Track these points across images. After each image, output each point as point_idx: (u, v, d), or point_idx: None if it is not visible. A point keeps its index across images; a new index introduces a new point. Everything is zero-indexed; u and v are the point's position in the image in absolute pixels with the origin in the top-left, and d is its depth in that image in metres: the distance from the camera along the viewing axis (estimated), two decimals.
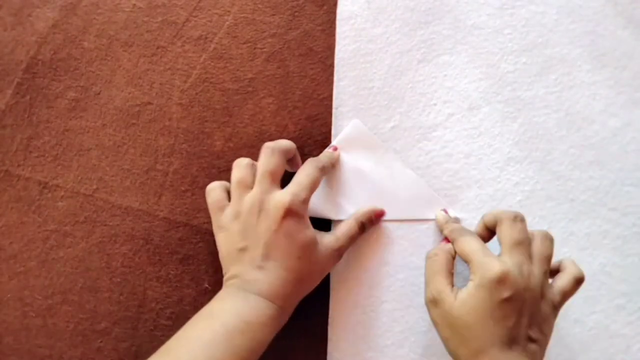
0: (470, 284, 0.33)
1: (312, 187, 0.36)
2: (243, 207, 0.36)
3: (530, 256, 0.34)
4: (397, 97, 0.43)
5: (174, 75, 0.44)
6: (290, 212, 0.34)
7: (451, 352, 0.34)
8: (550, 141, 0.43)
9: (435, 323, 0.35)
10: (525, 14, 0.44)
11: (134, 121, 0.43)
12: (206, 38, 0.44)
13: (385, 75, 0.43)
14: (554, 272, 0.36)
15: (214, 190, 0.38)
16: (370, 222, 0.40)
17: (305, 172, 0.37)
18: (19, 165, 0.43)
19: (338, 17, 0.44)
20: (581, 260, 0.41)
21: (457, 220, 0.41)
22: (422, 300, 0.40)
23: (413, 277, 0.41)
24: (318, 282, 0.37)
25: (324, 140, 0.43)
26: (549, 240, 0.35)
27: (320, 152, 0.42)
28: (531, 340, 0.32)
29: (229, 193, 0.38)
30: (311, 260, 0.36)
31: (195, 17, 0.44)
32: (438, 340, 0.35)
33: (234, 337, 0.32)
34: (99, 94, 0.44)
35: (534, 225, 0.41)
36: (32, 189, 0.43)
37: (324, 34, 0.44)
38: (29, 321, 0.41)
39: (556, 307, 0.34)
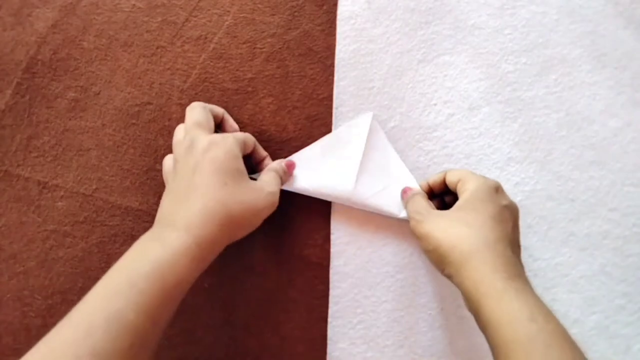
0: (462, 198, 0.35)
1: (244, 144, 0.36)
2: (176, 156, 0.35)
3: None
4: (398, 97, 0.43)
5: (173, 75, 0.44)
6: (217, 144, 0.33)
7: (439, 260, 0.34)
8: (550, 141, 0.43)
9: (424, 238, 0.35)
10: (525, 14, 0.44)
11: (133, 121, 0.43)
12: (206, 38, 0.44)
13: (386, 75, 0.43)
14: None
15: (167, 160, 0.38)
16: (285, 173, 0.39)
17: (243, 133, 0.38)
18: (18, 165, 0.43)
19: (338, 17, 0.44)
20: (581, 260, 0.41)
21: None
22: (422, 300, 0.41)
23: (413, 277, 0.41)
24: (253, 223, 0.34)
25: None
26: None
27: None
28: (520, 248, 0.35)
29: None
30: (237, 190, 0.33)
31: (194, 17, 0.44)
32: (438, 340, 0.35)
33: (136, 282, 0.28)
34: (98, 94, 0.44)
35: (534, 225, 0.41)
36: (32, 189, 0.43)
37: (323, 34, 0.44)
38: (29, 321, 0.41)
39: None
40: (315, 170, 0.41)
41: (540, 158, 0.42)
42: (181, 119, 0.43)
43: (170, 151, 0.43)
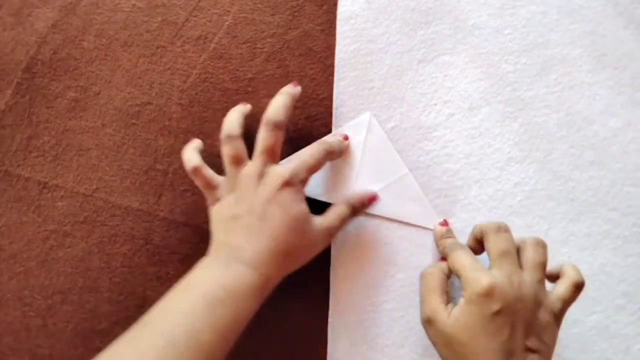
0: (462, 301, 0.32)
1: (314, 168, 0.36)
2: (241, 179, 0.35)
3: (520, 265, 0.34)
4: (398, 97, 0.43)
5: (173, 75, 0.44)
6: (288, 184, 0.34)
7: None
8: (550, 141, 0.43)
9: (433, 343, 0.34)
10: (525, 14, 0.44)
11: (133, 121, 0.43)
12: (206, 38, 0.44)
13: (386, 75, 0.43)
14: (554, 277, 0.35)
15: (202, 169, 0.37)
16: (362, 205, 0.39)
17: (312, 152, 0.37)
18: (18, 165, 0.43)
19: (338, 17, 0.44)
20: (581, 260, 0.41)
21: (451, 232, 0.40)
22: None
23: (413, 277, 0.41)
24: (306, 260, 0.36)
25: None
26: (541, 246, 0.34)
27: None
28: (530, 350, 0.31)
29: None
30: (302, 233, 0.35)
31: (194, 17, 0.44)
32: None
33: (214, 306, 0.31)
34: (98, 94, 0.44)
35: (534, 225, 0.41)
36: (32, 189, 0.43)
37: (323, 34, 0.44)
38: (29, 321, 0.41)
39: (557, 315, 0.33)
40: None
41: (540, 158, 0.42)
42: (181, 119, 0.43)
43: (170, 151, 0.43)
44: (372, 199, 0.40)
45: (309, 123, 0.43)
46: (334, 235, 0.37)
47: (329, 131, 0.43)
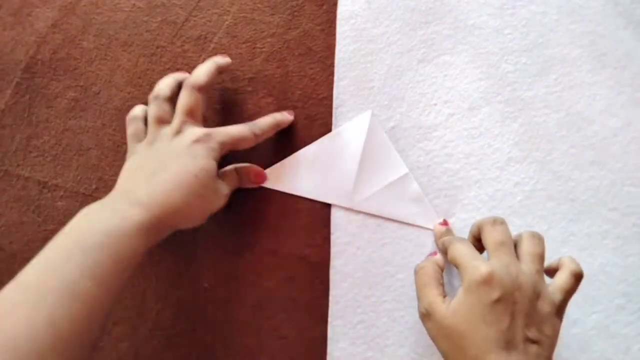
0: (460, 291, 0.32)
1: (235, 141, 0.37)
2: (158, 135, 0.36)
3: (517, 256, 0.33)
4: (398, 97, 0.43)
5: None
6: (203, 139, 0.35)
7: None
8: (550, 141, 0.43)
9: (432, 337, 0.33)
10: (525, 14, 0.44)
11: None
12: (205, 38, 0.44)
13: (386, 75, 0.43)
14: (553, 271, 0.35)
15: (135, 121, 0.39)
16: (248, 178, 0.40)
17: (238, 128, 0.38)
18: (18, 165, 0.43)
19: (338, 17, 0.44)
20: (581, 260, 0.41)
21: (450, 232, 0.40)
22: None
23: (413, 277, 0.41)
24: (200, 218, 0.36)
25: None
26: (537, 238, 0.34)
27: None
28: (530, 341, 0.30)
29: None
30: (204, 187, 0.35)
31: (194, 16, 0.44)
32: None
33: (92, 253, 0.29)
34: (98, 93, 0.44)
35: (534, 225, 0.41)
36: (32, 189, 0.43)
37: (323, 33, 0.44)
38: None
39: (559, 307, 0.32)
40: (314, 171, 0.41)
41: (540, 158, 0.42)
42: None
43: None
44: (260, 177, 0.41)
45: (309, 123, 0.43)
46: (227, 198, 0.38)
47: (329, 131, 0.42)
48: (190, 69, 0.44)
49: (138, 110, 0.39)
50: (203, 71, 0.38)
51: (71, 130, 0.43)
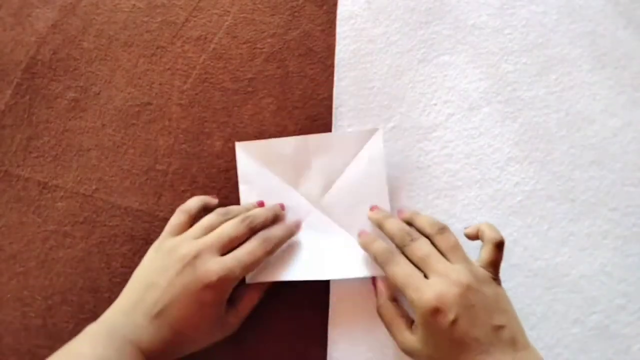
0: (418, 323, 0.33)
1: (251, 267, 0.35)
2: (175, 248, 0.35)
3: (444, 257, 0.34)
4: (398, 97, 0.43)
5: (173, 75, 0.44)
6: (214, 287, 0.33)
7: None
8: (550, 141, 0.43)
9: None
10: (525, 14, 0.44)
11: (133, 121, 0.43)
12: (206, 38, 0.44)
13: (386, 75, 0.43)
14: (474, 237, 0.36)
15: (180, 215, 0.37)
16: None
17: (251, 249, 0.35)
18: (18, 166, 0.43)
19: (338, 17, 0.44)
20: (581, 260, 0.41)
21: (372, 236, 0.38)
22: None
23: None
24: (195, 350, 0.35)
25: None
26: (443, 229, 0.35)
27: None
28: (499, 328, 0.31)
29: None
30: (208, 332, 0.35)
31: (194, 17, 0.44)
32: None
33: None
34: (98, 94, 0.44)
35: (534, 225, 0.41)
36: (32, 189, 0.43)
37: (323, 34, 0.44)
38: (29, 321, 0.41)
39: (495, 279, 0.34)
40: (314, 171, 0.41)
41: (540, 158, 0.42)
42: (181, 120, 0.43)
43: (170, 151, 0.43)
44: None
45: (309, 123, 0.43)
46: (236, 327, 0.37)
47: (329, 131, 0.42)
48: (190, 69, 0.44)
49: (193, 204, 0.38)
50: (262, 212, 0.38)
51: (71, 130, 0.43)
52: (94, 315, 0.41)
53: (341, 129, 0.43)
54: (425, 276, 0.33)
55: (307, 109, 0.43)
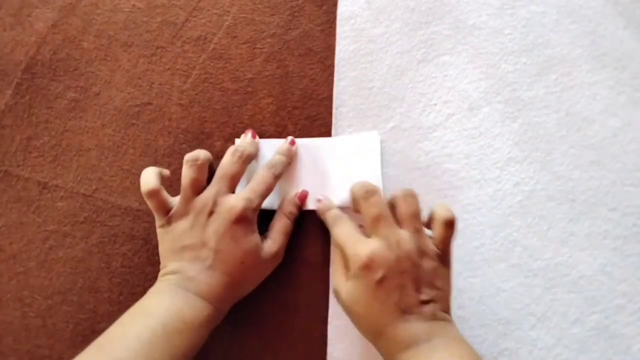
0: (350, 274, 0.34)
1: (266, 193, 0.37)
2: (194, 206, 0.36)
3: (396, 219, 0.34)
4: (398, 97, 0.43)
5: (173, 75, 0.44)
6: (241, 219, 0.35)
7: (362, 335, 0.35)
8: (550, 141, 0.43)
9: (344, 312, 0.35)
10: (525, 14, 0.44)
11: (133, 121, 0.43)
12: (205, 38, 0.44)
13: (386, 76, 0.43)
14: (429, 222, 0.36)
15: (160, 192, 0.36)
16: (297, 207, 0.40)
17: (261, 178, 0.38)
18: (18, 166, 0.43)
19: (338, 17, 0.44)
20: (581, 260, 0.41)
21: (331, 204, 0.40)
22: None
23: None
24: (256, 285, 0.38)
25: None
26: (411, 196, 0.35)
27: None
28: (424, 302, 0.32)
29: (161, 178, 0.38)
30: (254, 266, 0.36)
31: (194, 17, 0.44)
32: None
33: (172, 337, 0.32)
34: (98, 94, 0.44)
35: (534, 225, 0.41)
36: (32, 189, 0.43)
37: (323, 34, 0.44)
38: (29, 321, 0.41)
39: (442, 257, 0.34)
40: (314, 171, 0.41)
41: (540, 158, 0.42)
42: (181, 119, 0.43)
43: (170, 151, 0.43)
44: (302, 197, 0.41)
45: (309, 123, 0.43)
46: (283, 252, 0.39)
47: (329, 131, 0.43)
48: (190, 69, 0.44)
49: (150, 178, 0.37)
50: (252, 141, 0.40)
51: (71, 130, 0.43)
52: (94, 315, 0.41)
53: (341, 129, 0.43)
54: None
55: (307, 109, 0.43)
